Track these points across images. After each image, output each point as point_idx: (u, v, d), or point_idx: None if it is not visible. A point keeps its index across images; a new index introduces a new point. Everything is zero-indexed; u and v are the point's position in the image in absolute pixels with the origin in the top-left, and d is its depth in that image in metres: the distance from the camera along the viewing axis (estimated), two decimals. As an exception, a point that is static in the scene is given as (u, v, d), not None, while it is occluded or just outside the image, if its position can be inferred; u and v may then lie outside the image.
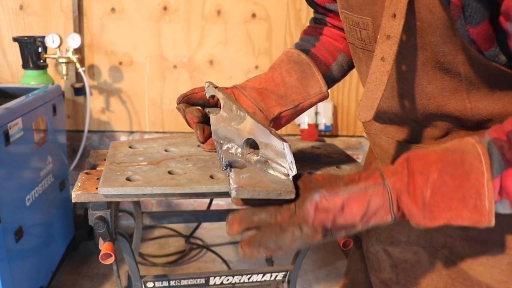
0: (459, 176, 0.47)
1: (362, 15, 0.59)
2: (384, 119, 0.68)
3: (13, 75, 2.13)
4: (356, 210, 0.49)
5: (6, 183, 1.36)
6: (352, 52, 0.70)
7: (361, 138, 2.44)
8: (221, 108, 0.64)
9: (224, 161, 0.60)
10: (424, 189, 0.48)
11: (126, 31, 2.13)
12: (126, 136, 2.29)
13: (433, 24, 0.50)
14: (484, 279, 0.61)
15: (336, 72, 0.82)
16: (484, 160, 0.46)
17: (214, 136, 0.66)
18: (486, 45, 0.47)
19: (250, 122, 0.60)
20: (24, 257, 1.49)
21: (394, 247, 0.72)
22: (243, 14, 2.17)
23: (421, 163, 0.49)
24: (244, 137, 0.62)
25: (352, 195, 0.49)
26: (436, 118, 0.59)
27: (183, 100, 0.71)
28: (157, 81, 2.22)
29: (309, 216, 0.49)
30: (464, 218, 0.47)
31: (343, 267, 2.09)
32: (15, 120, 1.39)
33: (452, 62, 0.52)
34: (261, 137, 0.59)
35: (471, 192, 0.46)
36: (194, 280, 1.14)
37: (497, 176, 0.46)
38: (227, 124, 0.63)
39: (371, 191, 0.49)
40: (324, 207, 0.49)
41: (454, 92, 0.55)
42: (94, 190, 0.84)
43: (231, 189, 0.54)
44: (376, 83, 0.54)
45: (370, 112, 0.55)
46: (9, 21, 2.07)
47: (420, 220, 0.49)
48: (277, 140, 0.56)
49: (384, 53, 0.53)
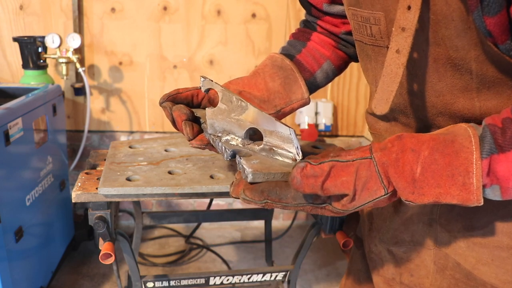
0: (449, 154, 0.48)
1: (374, 10, 0.59)
2: (389, 118, 0.68)
3: (13, 75, 2.13)
4: (346, 178, 0.49)
5: (6, 183, 1.36)
6: (359, 50, 0.70)
7: (361, 138, 2.44)
8: (219, 100, 0.64)
9: (228, 151, 0.60)
10: (414, 166, 0.49)
11: (126, 31, 2.13)
12: (126, 136, 2.29)
13: (448, 16, 0.50)
14: (489, 279, 0.61)
15: (320, 79, 0.82)
16: (474, 141, 0.47)
17: (211, 130, 0.65)
18: (503, 37, 0.47)
19: (253, 111, 0.61)
20: (24, 257, 1.49)
21: (398, 247, 0.72)
22: (243, 14, 2.17)
23: (413, 140, 0.50)
24: (245, 127, 0.62)
25: (339, 163, 0.50)
26: (444, 116, 0.60)
27: (168, 99, 0.70)
28: (157, 81, 2.22)
29: (297, 181, 0.50)
30: (453, 195, 0.48)
31: (343, 267, 2.09)
32: (15, 120, 1.39)
33: (465, 58, 0.52)
34: (265, 125, 0.60)
35: (460, 170, 0.47)
36: (194, 280, 1.14)
37: (487, 157, 0.47)
38: (226, 116, 0.63)
39: (357, 162, 0.50)
40: (310, 173, 0.49)
41: (463, 90, 0.55)
42: (94, 190, 0.84)
43: (247, 173, 0.54)
44: (392, 75, 0.54)
45: (386, 104, 0.56)
46: (9, 21, 2.07)
47: (409, 196, 0.50)
48: (283, 126, 0.57)
49: (399, 46, 0.53)
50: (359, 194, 0.50)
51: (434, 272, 0.67)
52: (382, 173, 0.50)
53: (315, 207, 0.53)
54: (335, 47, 0.82)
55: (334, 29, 0.80)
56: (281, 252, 2.21)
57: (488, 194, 0.49)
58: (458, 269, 0.64)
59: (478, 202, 0.48)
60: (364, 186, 0.50)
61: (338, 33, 0.81)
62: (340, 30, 0.80)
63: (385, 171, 0.50)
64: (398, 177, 0.49)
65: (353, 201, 0.51)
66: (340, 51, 0.83)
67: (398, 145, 0.50)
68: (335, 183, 0.50)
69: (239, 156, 0.59)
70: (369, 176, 0.50)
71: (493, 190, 0.48)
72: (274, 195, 0.53)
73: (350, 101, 2.36)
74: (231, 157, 0.61)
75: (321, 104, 2.26)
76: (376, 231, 0.77)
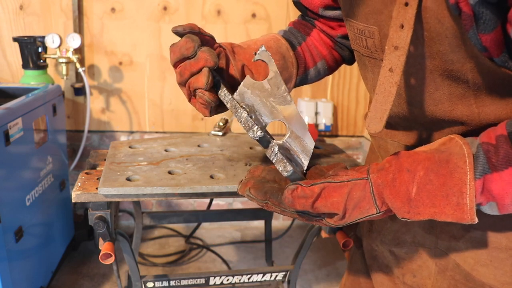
0: (443, 175, 0.48)
1: (368, 24, 0.59)
2: (390, 124, 0.68)
3: (13, 75, 2.13)
4: (337, 199, 0.51)
5: (6, 183, 1.36)
6: (358, 59, 0.70)
7: (361, 138, 2.44)
8: (267, 79, 0.59)
9: (258, 131, 0.55)
10: (410, 186, 0.49)
11: (126, 31, 2.13)
12: (126, 136, 2.29)
13: (441, 33, 0.50)
14: (488, 281, 0.61)
15: (311, 76, 0.81)
16: (468, 161, 0.48)
17: (238, 96, 0.59)
18: (498, 51, 0.47)
19: (293, 109, 0.60)
20: (24, 257, 1.49)
21: (399, 248, 0.72)
22: (243, 14, 2.17)
23: (409, 161, 0.51)
24: (276, 118, 0.60)
25: (331, 185, 0.51)
26: (443, 123, 0.60)
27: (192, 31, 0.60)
28: (157, 81, 2.22)
29: (289, 201, 0.52)
30: (447, 214, 0.49)
31: (343, 267, 2.09)
32: (15, 120, 1.39)
33: (461, 70, 0.52)
34: (296, 128, 0.59)
35: (454, 190, 0.48)
36: (194, 280, 1.14)
37: (480, 178, 0.47)
38: (263, 97, 0.59)
39: (352, 183, 0.51)
40: (301, 195, 0.51)
41: (461, 98, 0.55)
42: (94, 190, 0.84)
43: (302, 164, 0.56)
44: (385, 94, 0.54)
45: (380, 124, 0.55)
46: (9, 21, 2.07)
47: (405, 214, 0.51)
48: (311, 139, 0.58)
49: (392, 64, 0.53)
50: (349, 213, 0.52)
51: (435, 273, 0.67)
52: (377, 194, 0.51)
53: (310, 218, 0.55)
54: (332, 48, 0.82)
55: (331, 31, 0.80)
56: (281, 252, 2.21)
57: (486, 210, 0.50)
58: (457, 270, 0.64)
59: (472, 220, 0.48)
60: (356, 206, 0.51)
61: (335, 36, 0.80)
62: (337, 33, 0.79)
63: (380, 193, 0.51)
64: (393, 198, 0.50)
65: (343, 219, 0.52)
66: (336, 53, 0.83)
67: (396, 164, 0.51)
68: (325, 203, 0.51)
69: (277, 146, 0.56)
70: (362, 197, 0.51)
71: (490, 207, 0.49)
72: (275, 199, 0.54)
73: (350, 101, 2.36)
74: (260, 137, 0.56)
75: (321, 104, 2.26)
76: (377, 232, 0.77)
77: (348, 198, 0.51)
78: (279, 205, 0.54)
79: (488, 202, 0.48)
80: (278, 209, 0.55)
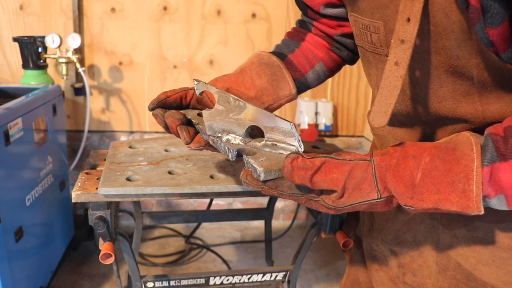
0: (450, 161, 0.48)
1: (373, 18, 0.59)
2: (393, 121, 0.68)
3: (13, 75, 2.13)
4: (337, 175, 0.50)
5: (6, 183, 1.36)
6: (361, 55, 0.70)
7: (361, 138, 2.44)
8: (216, 102, 0.64)
9: (233, 152, 0.61)
10: (415, 171, 0.49)
11: (126, 31, 2.13)
12: (126, 136, 2.29)
13: (448, 28, 0.50)
14: (490, 280, 0.61)
15: (311, 80, 0.82)
16: (475, 149, 0.47)
17: (210, 131, 0.66)
18: (505, 47, 0.47)
19: (252, 109, 0.61)
20: (24, 257, 1.49)
21: (400, 247, 0.72)
22: (243, 14, 2.17)
23: (415, 148, 0.50)
24: (245, 126, 0.63)
25: (333, 160, 0.51)
26: (447, 120, 0.59)
27: (157, 105, 0.70)
28: (157, 81, 2.22)
29: (288, 170, 0.51)
30: (452, 202, 0.48)
31: (343, 267, 2.09)
32: (15, 120, 1.39)
33: (466, 66, 0.52)
34: (265, 122, 0.60)
35: (460, 177, 0.47)
36: (194, 280, 1.14)
37: (488, 165, 0.46)
38: (224, 117, 0.64)
39: (354, 162, 0.51)
40: (301, 165, 0.50)
41: (466, 95, 0.55)
42: (94, 190, 0.84)
43: (259, 172, 0.55)
44: (390, 88, 0.54)
45: (384, 117, 0.55)
46: (9, 21, 2.07)
47: (408, 200, 0.50)
48: (283, 121, 0.58)
49: (398, 58, 0.53)
50: (349, 192, 0.50)
51: (436, 273, 0.67)
52: (379, 177, 0.50)
53: (309, 200, 0.54)
54: (329, 49, 0.82)
55: (330, 30, 0.80)
56: (281, 252, 2.21)
57: (495, 205, 0.48)
58: (459, 270, 0.63)
59: (478, 210, 0.47)
60: (356, 186, 0.50)
61: (334, 35, 0.80)
62: (336, 32, 0.80)
63: (383, 176, 0.50)
64: (396, 182, 0.49)
65: (341, 198, 0.51)
66: (334, 54, 0.83)
67: (400, 151, 0.50)
68: (324, 178, 0.50)
69: (246, 156, 0.59)
70: (364, 178, 0.50)
71: (499, 200, 0.48)
72: (271, 182, 0.54)
73: (350, 101, 2.36)
74: (237, 156, 0.61)
75: (321, 104, 2.26)
76: (378, 231, 0.77)
77: (348, 177, 0.50)
78: (276, 188, 0.54)
79: (497, 195, 0.47)
80: (275, 192, 0.54)
